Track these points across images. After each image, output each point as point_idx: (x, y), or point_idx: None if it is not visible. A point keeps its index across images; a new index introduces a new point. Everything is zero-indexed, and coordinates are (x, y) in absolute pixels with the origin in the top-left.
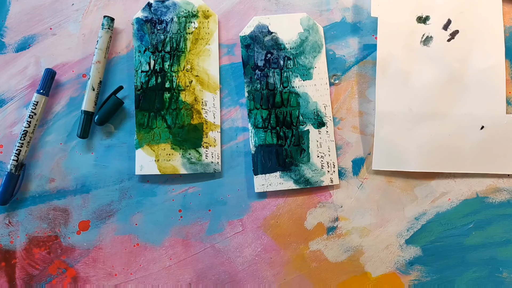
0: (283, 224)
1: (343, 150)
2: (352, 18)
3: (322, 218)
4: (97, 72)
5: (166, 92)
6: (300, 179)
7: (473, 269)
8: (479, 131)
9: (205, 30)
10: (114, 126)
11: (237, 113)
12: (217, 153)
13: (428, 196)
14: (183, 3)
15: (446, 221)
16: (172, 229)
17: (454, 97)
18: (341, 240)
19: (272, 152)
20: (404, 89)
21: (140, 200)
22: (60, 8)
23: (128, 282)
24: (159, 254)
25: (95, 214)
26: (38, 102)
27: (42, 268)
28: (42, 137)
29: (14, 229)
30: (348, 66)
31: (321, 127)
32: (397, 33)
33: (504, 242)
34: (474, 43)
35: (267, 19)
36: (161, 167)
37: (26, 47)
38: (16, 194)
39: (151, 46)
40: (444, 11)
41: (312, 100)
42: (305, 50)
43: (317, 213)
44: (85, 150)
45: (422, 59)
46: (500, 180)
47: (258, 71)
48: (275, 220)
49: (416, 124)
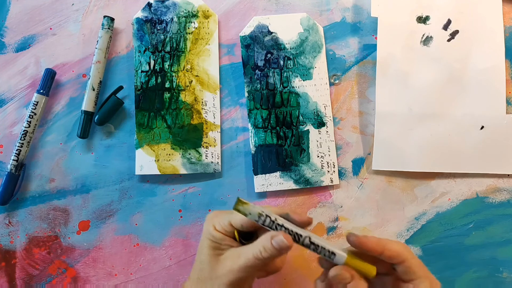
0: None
1: (343, 150)
2: (352, 18)
3: (322, 218)
4: (97, 72)
5: (166, 92)
6: (300, 179)
7: (473, 269)
8: (479, 131)
9: (205, 30)
10: (114, 126)
11: (237, 113)
12: (217, 153)
13: (428, 196)
14: (183, 3)
15: (446, 221)
16: (172, 229)
17: (454, 97)
18: (341, 240)
19: (272, 152)
20: (404, 89)
21: (140, 200)
22: (60, 8)
23: (128, 282)
24: (159, 254)
25: (95, 214)
26: (38, 102)
27: (42, 268)
28: (42, 137)
29: (14, 229)
30: (348, 66)
31: (321, 127)
32: (397, 33)
33: (504, 242)
34: (474, 43)
35: (267, 19)
36: (161, 167)
37: (26, 47)
38: (16, 194)
39: (151, 46)
40: (444, 11)
41: (312, 100)
42: (305, 50)
43: (317, 213)
44: (85, 150)
45: (422, 59)
46: (500, 180)
47: (258, 71)
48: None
49: (416, 124)
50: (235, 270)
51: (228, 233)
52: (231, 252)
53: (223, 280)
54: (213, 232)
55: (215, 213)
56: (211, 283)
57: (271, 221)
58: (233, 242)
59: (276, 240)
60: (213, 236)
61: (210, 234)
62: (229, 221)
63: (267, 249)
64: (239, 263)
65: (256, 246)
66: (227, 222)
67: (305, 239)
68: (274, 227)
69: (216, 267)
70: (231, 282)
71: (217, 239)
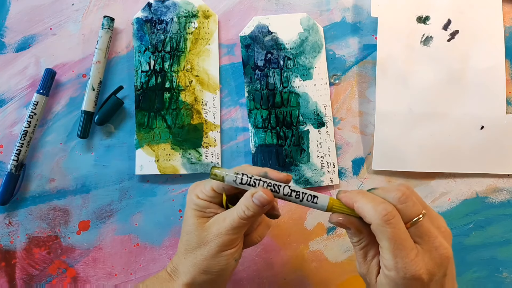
0: (283, 224)
1: (343, 150)
2: (352, 18)
3: (322, 218)
4: (97, 72)
5: (166, 92)
6: (300, 179)
7: (473, 269)
8: (479, 131)
9: (205, 30)
10: (114, 126)
11: (237, 113)
12: (217, 153)
13: (428, 196)
14: (183, 3)
15: (446, 221)
16: (172, 229)
17: (454, 97)
18: (341, 240)
19: (272, 152)
20: (404, 89)
21: (140, 200)
22: (60, 8)
23: (128, 282)
24: (159, 254)
25: (95, 214)
26: (38, 102)
27: (42, 268)
28: (42, 137)
29: (14, 229)
30: (348, 66)
31: (321, 127)
32: (397, 33)
33: (504, 242)
34: (474, 43)
35: (267, 19)
36: (161, 167)
37: (26, 47)
38: (16, 194)
39: (151, 46)
40: (444, 11)
41: (312, 100)
42: (305, 50)
43: (317, 213)
44: (85, 150)
45: (422, 59)
46: (500, 180)
47: (258, 71)
48: (275, 220)
49: (416, 124)
50: (222, 233)
51: (212, 199)
52: (216, 218)
53: (211, 245)
54: (196, 200)
55: (196, 184)
56: (200, 251)
57: (248, 178)
58: (217, 209)
59: (256, 196)
60: (197, 205)
61: (193, 204)
62: (211, 187)
63: (249, 207)
64: (225, 226)
65: (239, 206)
66: (209, 188)
67: (285, 188)
68: (252, 183)
69: (203, 234)
70: (219, 246)
71: (202, 207)
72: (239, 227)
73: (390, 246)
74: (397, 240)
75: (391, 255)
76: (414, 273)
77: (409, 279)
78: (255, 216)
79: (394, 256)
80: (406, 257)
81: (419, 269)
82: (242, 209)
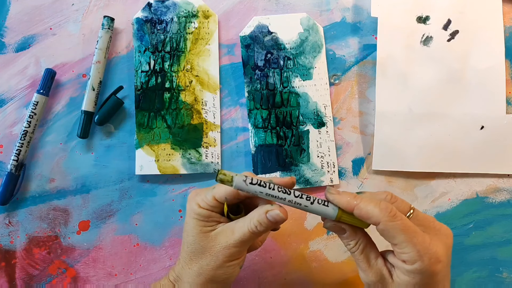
0: (283, 224)
1: (343, 150)
2: (352, 18)
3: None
4: (97, 72)
5: (166, 92)
6: (300, 179)
7: (473, 269)
8: (479, 131)
9: (205, 30)
10: (114, 126)
11: (237, 113)
12: (217, 153)
13: (428, 196)
14: (183, 3)
15: (446, 221)
16: (172, 229)
17: (454, 97)
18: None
19: (272, 152)
20: (404, 89)
21: (140, 200)
22: (60, 8)
23: (128, 282)
24: (159, 254)
25: (95, 214)
26: (38, 102)
27: (42, 268)
28: (42, 137)
29: (14, 229)
30: (348, 66)
31: (321, 127)
32: (397, 33)
33: (504, 242)
34: (474, 43)
35: (267, 19)
36: (161, 167)
37: (26, 47)
38: (16, 194)
39: (151, 46)
40: (444, 11)
41: (312, 100)
42: (305, 50)
43: None
44: (85, 150)
45: (422, 59)
46: (500, 180)
47: (258, 71)
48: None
49: (416, 124)
50: (231, 245)
51: (213, 209)
52: (223, 229)
53: (219, 256)
54: (198, 210)
55: (196, 191)
56: (206, 261)
57: (258, 180)
58: (220, 218)
59: (272, 214)
60: (198, 215)
61: (195, 213)
62: (212, 196)
63: (262, 223)
64: (234, 238)
65: (251, 221)
66: (211, 197)
67: (295, 191)
68: (262, 184)
69: (208, 245)
70: (227, 257)
71: (204, 216)
72: (248, 241)
73: (407, 237)
74: (410, 228)
75: (411, 245)
76: (437, 255)
77: (433, 264)
78: (266, 231)
79: (414, 245)
80: (424, 242)
81: (439, 250)
82: (254, 224)
